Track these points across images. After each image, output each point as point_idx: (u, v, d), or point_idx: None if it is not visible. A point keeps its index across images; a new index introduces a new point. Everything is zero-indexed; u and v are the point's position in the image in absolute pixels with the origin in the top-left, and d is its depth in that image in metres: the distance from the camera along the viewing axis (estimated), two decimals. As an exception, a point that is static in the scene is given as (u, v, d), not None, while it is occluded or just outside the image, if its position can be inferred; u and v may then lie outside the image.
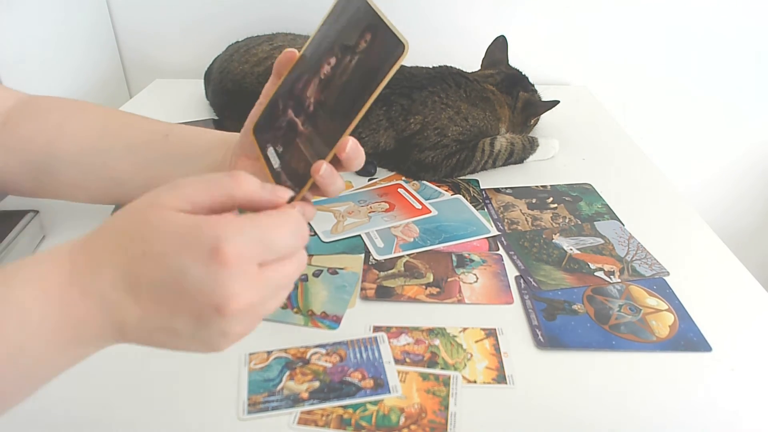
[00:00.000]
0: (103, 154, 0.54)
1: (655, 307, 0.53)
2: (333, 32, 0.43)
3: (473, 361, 0.47)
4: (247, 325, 0.32)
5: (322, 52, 0.43)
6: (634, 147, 0.87)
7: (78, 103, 0.59)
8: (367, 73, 0.40)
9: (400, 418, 0.41)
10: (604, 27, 1.07)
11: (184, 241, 0.30)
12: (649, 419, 0.43)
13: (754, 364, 0.48)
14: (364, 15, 0.40)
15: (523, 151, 0.79)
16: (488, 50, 0.90)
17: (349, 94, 0.41)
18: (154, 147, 0.54)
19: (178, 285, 0.30)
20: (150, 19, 1.09)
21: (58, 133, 0.55)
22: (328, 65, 0.42)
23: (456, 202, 0.70)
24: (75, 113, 0.57)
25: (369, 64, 0.39)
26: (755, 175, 1.24)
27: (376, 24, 0.39)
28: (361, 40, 0.40)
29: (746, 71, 1.11)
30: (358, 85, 0.40)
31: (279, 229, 0.32)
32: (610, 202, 0.71)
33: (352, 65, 0.40)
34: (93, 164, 0.55)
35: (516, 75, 0.86)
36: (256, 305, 0.31)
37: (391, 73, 0.38)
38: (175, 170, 0.53)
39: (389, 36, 0.38)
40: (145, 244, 0.30)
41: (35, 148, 0.54)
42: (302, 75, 0.45)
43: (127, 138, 0.55)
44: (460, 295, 0.54)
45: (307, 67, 0.45)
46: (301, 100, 0.44)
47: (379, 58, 0.39)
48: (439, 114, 0.74)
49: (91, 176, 0.55)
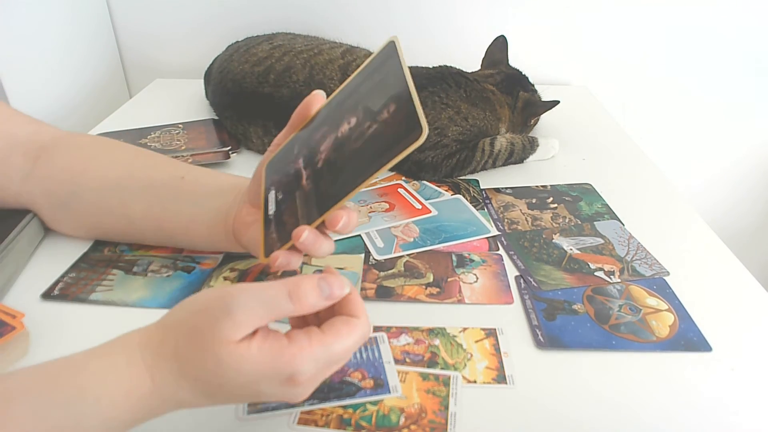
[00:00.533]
0: (122, 193, 0.56)
1: (655, 307, 0.53)
2: (364, 89, 0.41)
3: (473, 361, 0.47)
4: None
5: (346, 108, 0.42)
6: (634, 147, 0.87)
7: (110, 142, 0.61)
8: (379, 147, 0.38)
9: (400, 418, 0.41)
10: (604, 27, 1.07)
11: (262, 375, 0.33)
12: (649, 419, 0.43)
13: (754, 364, 0.48)
14: (395, 82, 0.38)
15: (523, 151, 0.79)
16: (488, 50, 0.90)
17: (357, 164, 0.39)
18: (168, 188, 0.55)
19: (255, 397, 0.35)
20: (150, 20, 1.10)
21: (84, 168, 0.57)
22: (347, 124, 0.41)
23: (456, 202, 0.70)
24: (105, 152, 0.59)
25: (383, 139, 0.38)
26: (756, 176, 1.24)
27: (403, 97, 0.37)
28: (384, 109, 0.38)
29: (747, 71, 1.11)
30: (368, 156, 0.38)
31: (346, 348, 0.35)
32: (610, 202, 0.71)
33: (369, 133, 0.39)
34: (110, 202, 0.56)
35: (516, 75, 0.86)
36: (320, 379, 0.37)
37: (401, 155, 0.36)
38: (185, 213, 0.55)
39: (411, 115, 0.36)
40: (222, 379, 0.33)
41: (60, 181, 0.57)
42: (323, 125, 0.43)
43: (148, 179, 0.56)
44: (460, 295, 0.54)
45: (329, 119, 0.43)
46: (313, 152, 0.43)
47: (394, 136, 0.37)
48: (439, 114, 0.74)
49: (107, 213, 0.57)
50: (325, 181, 0.40)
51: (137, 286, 0.54)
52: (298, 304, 0.34)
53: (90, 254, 0.59)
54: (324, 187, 0.40)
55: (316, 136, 0.43)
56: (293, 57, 0.79)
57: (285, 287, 0.34)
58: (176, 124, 0.87)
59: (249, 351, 0.33)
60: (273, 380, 0.34)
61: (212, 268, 0.57)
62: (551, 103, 0.81)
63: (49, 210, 0.59)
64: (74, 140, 0.60)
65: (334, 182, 0.40)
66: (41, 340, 0.48)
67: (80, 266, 0.57)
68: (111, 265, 0.57)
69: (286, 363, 0.33)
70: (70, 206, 0.57)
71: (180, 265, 0.57)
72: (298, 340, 0.34)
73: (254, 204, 0.49)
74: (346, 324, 0.36)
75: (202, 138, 0.82)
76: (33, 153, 0.57)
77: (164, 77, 1.13)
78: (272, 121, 0.77)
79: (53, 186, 0.57)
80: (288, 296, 0.34)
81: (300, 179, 0.42)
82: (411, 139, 0.35)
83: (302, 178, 0.42)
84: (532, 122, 0.85)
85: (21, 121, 0.59)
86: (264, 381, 0.34)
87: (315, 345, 0.34)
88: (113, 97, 1.11)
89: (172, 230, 0.56)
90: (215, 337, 0.33)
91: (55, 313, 0.51)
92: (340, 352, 0.35)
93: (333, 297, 0.36)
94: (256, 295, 0.34)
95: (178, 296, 0.53)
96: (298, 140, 0.45)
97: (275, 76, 0.78)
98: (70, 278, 0.55)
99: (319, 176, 0.41)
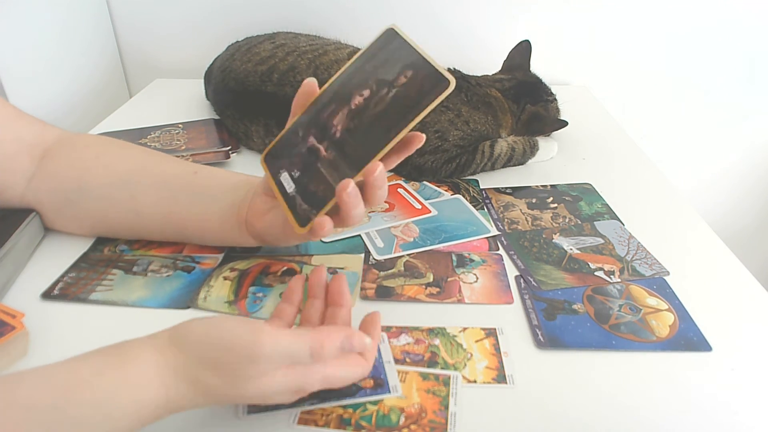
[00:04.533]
0: (131, 187, 0.56)
1: (655, 307, 0.53)
2: (369, 68, 0.44)
3: (473, 361, 0.47)
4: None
5: (354, 85, 0.44)
6: (634, 147, 0.87)
7: (120, 141, 0.61)
8: (405, 104, 0.40)
9: (400, 418, 0.41)
10: (604, 26, 1.07)
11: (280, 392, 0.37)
12: (649, 419, 0.43)
13: (754, 364, 0.48)
14: (405, 54, 0.41)
15: (523, 155, 0.79)
16: (510, 54, 0.88)
17: (384, 122, 0.41)
18: (181, 182, 0.56)
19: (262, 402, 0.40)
20: (150, 19, 1.09)
21: (92, 164, 0.57)
22: (360, 96, 0.43)
23: (456, 202, 0.70)
24: (115, 148, 0.60)
25: (408, 96, 0.40)
26: (756, 176, 1.24)
27: (418, 63, 0.40)
28: (400, 75, 0.41)
29: (747, 70, 1.11)
30: (395, 114, 0.41)
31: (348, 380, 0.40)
32: (610, 202, 0.71)
33: (389, 97, 0.41)
34: (119, 196, 0.56)
35: (530, 83, 0.83)
36: None
37: (434, 104, 0.39)
38: (198, 205, 0.55)
39: (432, 73, 0.39)
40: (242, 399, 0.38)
41: (67, 179, 0.57)
42: (328, 105, 0.45)
43: (161, 173, 0.57)
44: (460, 294, 0.54)
45: (335, 98, 0.45)
46: (326, 127, 0.45)
47: (420, 92, 0.40)
48: (439, 116, 0.74)
49: (113, 207, 0.57)
50: (350, 145, 0.43)
51: (137, 285, 0.54)
52: (317, 359, 0.37)
53: (90, 254, 0.59)
54: (351, 150, 0.43)
55: (323, 115, 0.45)
56: (297, 57, 0.79)
57: (307, 344, 0.37)
58: (176, 124, 0.87)
59: (274, 380, 0.36)
60: (287, 394, 0.38)
61: (212, 268, 0.57)
62: (559, 124, 0.80)
63: (53, 208, 0.59)
64: (80, 139, 0.60)
65: (363, 144, 0.42)
66: (41, 340, 0.48)
67: (80, 266, 0.57)
68: (111, 264, 0.57)
69: (304, 382, 0.37)
70: (75, 203, 0.57)
71: (180, 264, 0.57)
72: (315, 364, 0.38)
73: (268, 193, 0.50)
74: (358, 363, 0.40)
75: (202, 138, 0.82)
76: (38, 154, 0.57)
77: (164, 77, 1.13)
78: (274, 120, 0.77)
79: (58, 184, 0.57)
80: (309, 353, 0.37)
81: (317, 152, 0.45)
82: (440, 90, 0.38)
83: (320, 151, 0.45)
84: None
85: (26, 122, 0.59)
86: (279, 394, 0.38)
87: (329, 370, 0.38)
88: (113, 97, 1.11)
89: (181, 224, 0.56)
90: (241, 376, 0.36)
91: (55, 313, 0.51)
92: (342, 381, 0.40)
93: (353, 350, 0.39)
94: (282, 350, 0.36)
95: (178, 296, 0.53)
96: (301, 125, 0.47)
97: (279, 76, 0.77)
98: (70, 278, 0.55)
99: (342, 143, 0.43)
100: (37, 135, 0.58)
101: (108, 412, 0.34)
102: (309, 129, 0.46)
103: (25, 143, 0.57)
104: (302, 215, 0.45)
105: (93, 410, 0.33)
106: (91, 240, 0.60)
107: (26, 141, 0.57)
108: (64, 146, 0.58)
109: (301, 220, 0.45)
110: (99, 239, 0.61)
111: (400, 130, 0.40)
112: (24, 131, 0.58)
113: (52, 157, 0.57)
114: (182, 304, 0.52)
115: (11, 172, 0.56)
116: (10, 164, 0.56)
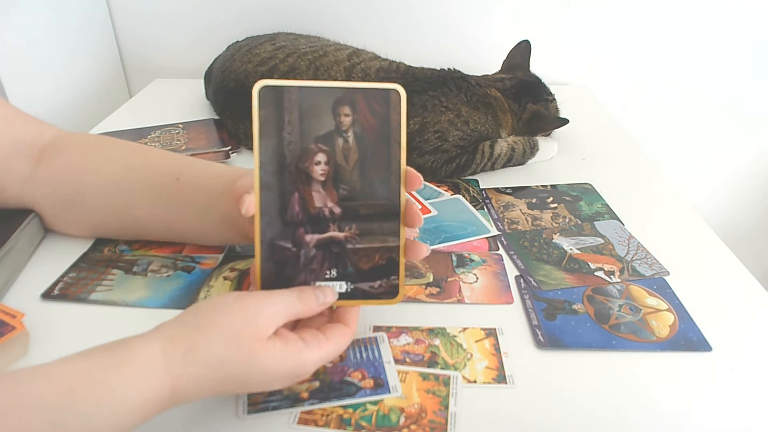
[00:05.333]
0: (125, 195, 0.56)
1: (655, 307, 0.53)
2: (291, 135, 0.38)
3: (473, 361, 0.47)
4: None
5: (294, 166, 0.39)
6: (634, 147, 0.87)
7: (106, 141, 0.61)
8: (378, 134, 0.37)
9: (400, 418, 0.41)
10: (604, 26, 1.07)
11: (281, 373, 0.38)
12: (649, 419, 0.43)
13: (754, 364, 0.48)
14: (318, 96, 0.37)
15: (523, 156, 0.79)
16: (509, 54, 0.88)
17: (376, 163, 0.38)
18: (167, 191, 0.55)
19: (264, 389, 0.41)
20: (150, 19, 1.09)
21: (83, 169, 0.57)
22: (317, 165, 0.39)
23: (456, 202, 0.70)
24: (101, 151, 0.59)
25: (372, 128, 0.37)
26: (756, 175, 1.24)
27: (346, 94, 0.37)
28: (339, 117, 0.37)
29: (747, 70, 1.11)
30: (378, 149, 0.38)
31: (338, 352, 0.42)
32: (610, 202, 0.71)
33: (354, 143, 0.38)
34: (114, 202, 0.56)
35: (530, 82, 0.83)
36: None
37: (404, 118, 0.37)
38: (191, 216, 0.55)
39: (376, 92, 0.36)
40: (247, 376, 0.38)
41: (62, 182, 0.57)
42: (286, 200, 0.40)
43: (145, 179, 0.56)
44: (460, 294, 0.54)
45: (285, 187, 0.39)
46: (318, 217, 0.40)
47: (381, 115, 0.37)
48: (439, 116, 0.73)
49: (111, 213, 0.57)
50: (362, 206, 0.41)
51: (137, 286, 0.54)
52: (305, 306, 0.40)
53: (90, 254, 0.59)
54: (368, 209, 0.41)
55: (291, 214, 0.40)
56: (297, 58, 0.79)
57: (294, 292, 0.40)
58: (176, 124, 0.87)
59: (274, 349, 0.37)
60: (287, 378, 0.39)
61: (212, 268, 0.57)
62: (560, 122, 0.80)
63: (52, 210, 0.58)
64: (72, 140, 0.59)
65: (375, 193, 0.40)
66: (41, 340, 0.48)
67: (80, 266, 0.57)
68: (111, 265, 0.57)
69: (301, 364, 0.39)
70: (74, 206, 0.57)
71: (180, 264, 0.57)
72: (311, 343, 0.39)
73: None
74: (342, 333, 0.42)
75: (202, 138, 0.82)
76: (35, 155, 0.57)
77: (164, 77, 1.13)
78: None
79: (55, 187, 0.57)
80: (298, 299, 0.40)
81: (337, 241, 0.41)
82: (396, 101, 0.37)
83: (337, 236, 0.41)
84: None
85: (24, 123, 0.59)
86: (280, 378, 0.39)
87: (322, 350, 0.40)
88: (113, 97, 1.11)
89: (180, 231, 0.57)
90: (253, 335, 0.37)
91: (55, 313, 0.51)
92: (334, 355, 0.41)
93: (325, 304, 0.42)
94: (276, 299, 0.39)
95: (178, 296, 0.53)
96: (277, 244, 0.41)
97: (279, 77, 0.77)
98: (70, 278, 0.55)
99: (351, 211, 0.41)
100: (36, 136, 0.58)
101: (113, 406, 0.34)
102: (297, 236, 0.40)
103: (22, 144, 0.57)
104: (386, 292, 0.42)
105: (98, 405, 0.33)
106: (91, 240, 0.60)
107: (24, 142, 0.57)
108: (58, 148, 0.58)
109: (388, 295, 0.42)
110: (99, 239, 0.61)
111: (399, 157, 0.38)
112: (21, 132, 0.57)
113: (48, 159, 0.57)
114: (182, 304, 0.52)
115: (9, 173, 0.56)
116: (7, 164, 0.56)
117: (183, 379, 0.36)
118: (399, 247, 0.41)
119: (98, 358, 0.35)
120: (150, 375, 0.35)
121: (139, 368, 0.35)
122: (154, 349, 0.36)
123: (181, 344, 0.36)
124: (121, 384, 0.34)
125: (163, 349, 0.36)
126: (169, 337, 0.37)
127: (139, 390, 0.34)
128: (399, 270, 0.42)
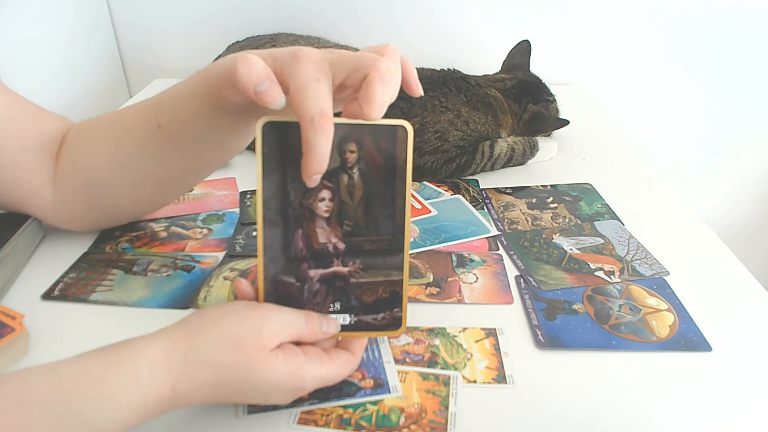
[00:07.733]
0: (135, 168, 0.53)
1: (655, 307, 0.53)
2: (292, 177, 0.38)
3: (473, 361, 0.47)
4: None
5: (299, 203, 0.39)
6: (634, 147, 0.87)
7: (90, 124, 0.57)
8: (385, 171, 0.37)
9: (400, 418, 0.41)
10: (604, 26, 1.07)
11: (280, 385, 0.38)
12: (649, 419, 0.43)
13: (754, 364, 0.48)
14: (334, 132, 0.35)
15: (522, 156, 0.79)
16: (509, 54, 0.88)
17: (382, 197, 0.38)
18: (157, 143, 0.51)
19: (262, 401, 0.41)
20: (150, 19, 1.09)
21: (94, 161, 0.54)
22: (321, 201, 0.38)
23: (456, 202, 0.70)
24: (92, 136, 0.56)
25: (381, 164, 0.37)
26: (756, 175, 1.24)
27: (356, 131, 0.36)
28: (345, 153, 0.37)
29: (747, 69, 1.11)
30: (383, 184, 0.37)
31: (340, 377, 0.42)
32: (610, 202, 0.71)
33: (359, 180, 0.37)
34: (126, 175, 0.53)
35: (531, 83, 0.83)
36: None
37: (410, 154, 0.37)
38: (193, 156, 0.51)
39: (382, 129, 0.36)
40: (247, 385, 0.37)
41: (78, 176, 0.54)
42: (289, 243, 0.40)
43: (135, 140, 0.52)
44: (460, 294, 0.54)
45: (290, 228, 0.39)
46: (319, 254, 0.40)
47: (386, 152, 0.36)
48: (439, 116, 0.73)
49: (130, 185, 0.55)
50: (367, 242, 0.40)
51: (137, 285, 0.54)
52: (310, 330, 0.40)
53: (90, 254, 0.59)
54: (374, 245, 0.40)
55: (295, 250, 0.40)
56: None
57: (302, 314, 0.41)
58: (176, 124, 0.87)
59: (276, 360, 0.37)
60: (286, 391, 0.39)
61: (212, 268, 0.57)
62: (560, 123, 0.79)
63: (89, 213, 0.57)
64: (78, 131, 0.57)
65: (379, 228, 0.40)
66: (41, 341, 0.48)
67: (80, 266, 0.57)
68: (111, 265, 0.57)
69: (301, 378, 0.38)
70: (101, 197, 0.55)
71: (180, 264, 0.57)
72: (312, 360, 0.39)
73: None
74: (347, 359, 0.42)
75: (202, 138, 0.82)
76: (56, 152, 0.55)
77: (164, 77, 1.13)
78: None
79: (77, 184, 0.55)
80: (304, 321, 0.40)
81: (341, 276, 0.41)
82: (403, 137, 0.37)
83: (342, 273, 0.41)
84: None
85: (47, 118, 0.57)
86: (279, 391, 0.38)
87: (324, 368, 0.40)
88: (113, 96, 1.11)
89: (198, 170, 0.54)
90: (256, 344, 0.37)
91: (55, 313, 0.51)
92: (335, 378, 0.41)
93: (328, 334, 0.42)
94: (284, 315, 0.40)
95: (178, 296, 0.53)
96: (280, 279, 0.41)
97: None
98: (70, 278, 0.55)
99: (355, 247, 0.40)
100: (58, 130, 0.56)
101: (115, 406, 0.34)
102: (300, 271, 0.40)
103: (48, 141, 0.55)
104: (389, 324, 0.42)
105: (99, 404, 0.33)
106: (91, 240, 0.61)
107: (49, 138, 0.55)
108: (68, 144, 0.56)
109: (392, 327, 0.43)
110: (99, 238, 0.61)
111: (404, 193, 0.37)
112: (46, 128, 0.56)
113: (60, 159, 0.55)
114: (182, 304, 0.52)
115: (37, 173, 0.54)
116: (35, 165, 0.54)
117: (183, 381, 0.36)
118: (402, 281, 0.41)
119: (101, 356, 0.35)
120: (152, 373, 0.35)
121: (140, 366, 0.35)
122: (157, 348, 0.36)
123: (184, 346, 0.36)
124: (122, 380, 0.34)
125: (166, 349, 0.36)
126: (173, 338, 0.37)
127: (139, 387, 0.34)
128: (402, 302, 0.42)
